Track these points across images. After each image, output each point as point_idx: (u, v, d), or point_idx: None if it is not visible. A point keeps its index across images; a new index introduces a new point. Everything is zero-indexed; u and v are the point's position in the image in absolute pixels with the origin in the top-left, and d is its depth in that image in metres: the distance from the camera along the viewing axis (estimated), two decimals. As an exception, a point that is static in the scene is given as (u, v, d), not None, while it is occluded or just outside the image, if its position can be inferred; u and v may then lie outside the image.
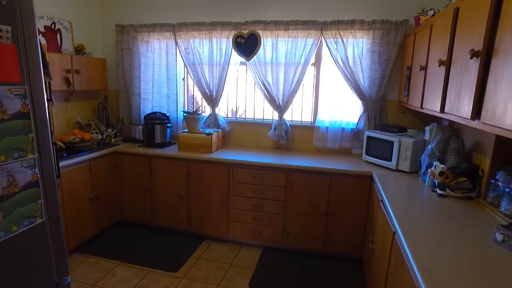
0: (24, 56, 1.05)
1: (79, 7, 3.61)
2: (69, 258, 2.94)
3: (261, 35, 3.19)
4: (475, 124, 1.43)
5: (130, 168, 3.41)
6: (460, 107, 1.56)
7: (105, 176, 3.34)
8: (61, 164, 2.77)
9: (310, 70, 3.30)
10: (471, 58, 1.41)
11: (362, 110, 3.16)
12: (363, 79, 3.06)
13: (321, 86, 3.28)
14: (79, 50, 3.55)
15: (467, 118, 1.47)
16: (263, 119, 3.60)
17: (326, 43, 3.09)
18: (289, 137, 3.42)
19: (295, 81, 3.22)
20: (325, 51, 3.21)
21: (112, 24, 3.77)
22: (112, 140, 3.65)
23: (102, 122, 3.84)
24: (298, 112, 3.50)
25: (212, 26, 3.33)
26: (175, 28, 3.47)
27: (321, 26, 3.07)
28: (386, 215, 1.96)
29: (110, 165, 3.39)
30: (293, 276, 2.77)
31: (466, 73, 1.51)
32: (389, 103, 3.19)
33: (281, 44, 3.20)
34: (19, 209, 1.07)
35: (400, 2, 2.98)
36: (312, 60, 3.22)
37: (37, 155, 1.12)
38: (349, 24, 2.99)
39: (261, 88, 3.34)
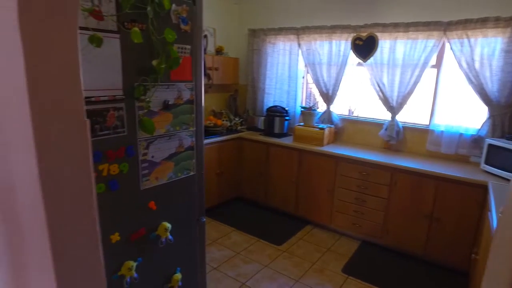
0: (194, 63, 1.60)
1: (222, 16, 4.36)
2: (199, 218, 3.71)
3: (379, 37, 3.29)
4: None
5: (250, 152, 4.01)
6: None
7: (230, 157, 4.01)
8: (200, 142, 3.52)
9: (429, 72, 3.23)
10: None
11: (487, 115, 2.94)
12: (491, 82, 2.85)
13: (439, 88, 3.18)
14: (218, 51, 4.29)
15: None
16: (375, 118, 3.69)
17: (450, 44, 2.99)
18: (400, 138, 3.43)
19: (411, 83, 3.22)
20: (447, 52, 3.09)
21: (245, 29, 4.41)
22: (238, 128, 4.31)
23: (231, 112, 4.55)
24: (413, 113, 3.46)
25: (332, 29, 3.60)
26: (298, 31, 3.86)
27: (445, 27, 2.98)
28: (491, 225, 1.92)
29: (234, 148, 4.04)
30: (387, 273, 2.86)
31: None
32: (523, 110, 2.87)
33: (399, 45, 3.24)
34: (182, 163, 1.65)
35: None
36: (432, 61, 3.16)
37: (194, 129, 1.68)
38: (479, 23, 2.82)
39: (376, 89, 3.44)
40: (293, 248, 3.20)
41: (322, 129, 3.57)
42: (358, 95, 3.81)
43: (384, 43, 3.31)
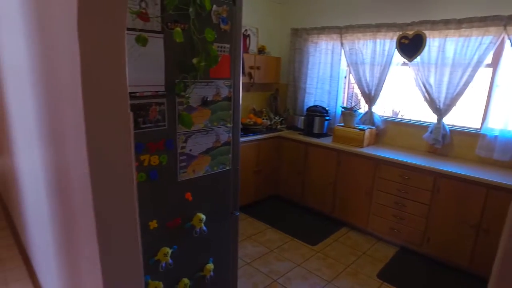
0: (233, 61, 1.67)
1: (265, 16, 4.40)
2: (235, 213, 3.80)
3: (427, 35, 3.13)
4: None
5: (289, 151, 4.02)
6: None
7: (268, 155, 4.05)
8: (239, 139, 3.60)
9: (483, 71, 3.01)
10: None
11: (550, 120, 2.69)
12: (555, 84, 2.60)
13: (495, 89, 2.96)
14: (261, 50, 4.34)
15: None
16: (419, 120, 3.52)
17: (510, 40, 2.76)
18: (446, 142, 3.24)
19: (461, 83, 3.03)
20: (506, 49, 2.86)
21: (288, 28, 4.41)
22: (278, 127, 4.34)
23: (272, 111, 4.59)
24: (462, 116, 3.25)
25: (377, 27, 3.48)
26: (342, 30, 3.79)
27: (505, 21, 2.74)
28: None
29: (273, 147, 4.07)
30: (427, 282, 2.73)
31: None
32: None
33: (449, 44, 3.06)
34: (219, 157, 1.72)
35: None
36: (487, 60, 2.94)
37: (231, 125, 1.75)
38: (546, 18, 2.57)
39: (421, 90, 3.28)
40: (327, 249, 3.17)
41: (363, 130, 3.48)
42: (402, 96, 3.66)
43: (433, 42, 3.14)
